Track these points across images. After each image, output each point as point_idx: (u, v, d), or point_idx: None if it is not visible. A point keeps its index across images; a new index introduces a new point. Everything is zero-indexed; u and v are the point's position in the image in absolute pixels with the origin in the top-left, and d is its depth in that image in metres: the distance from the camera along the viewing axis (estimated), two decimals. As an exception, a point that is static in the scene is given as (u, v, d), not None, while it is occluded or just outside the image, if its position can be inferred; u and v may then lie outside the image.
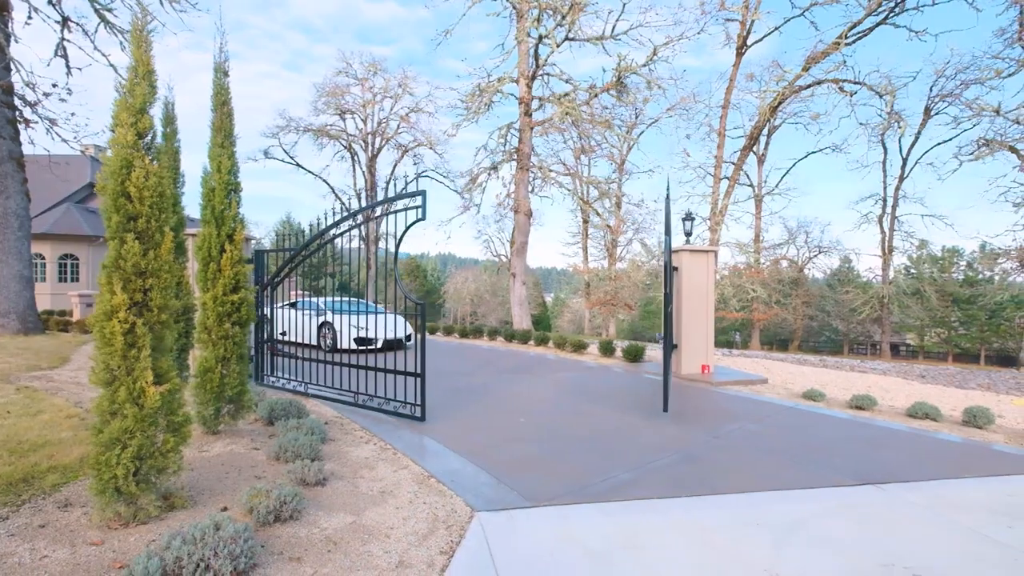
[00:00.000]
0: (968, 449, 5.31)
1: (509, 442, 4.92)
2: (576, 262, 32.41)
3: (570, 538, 3.06)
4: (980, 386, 9.53)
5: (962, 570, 2.86)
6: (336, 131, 24.41)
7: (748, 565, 2.82)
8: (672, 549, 3.00)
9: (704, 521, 3.39)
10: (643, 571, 2.73)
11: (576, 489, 3.77)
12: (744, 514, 3.51)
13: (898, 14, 19.57)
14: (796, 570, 2.80)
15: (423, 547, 2.83)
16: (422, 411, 5.34)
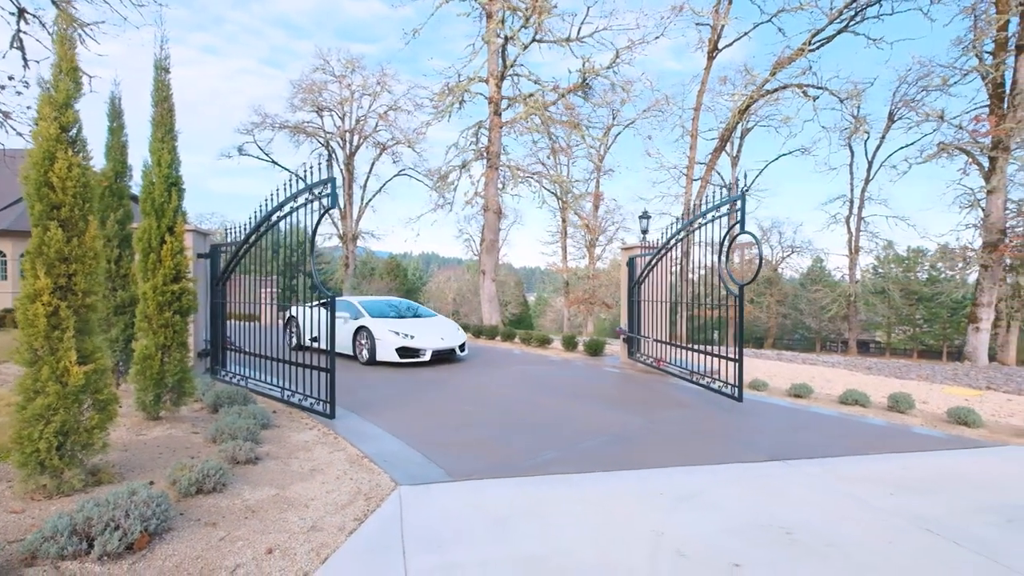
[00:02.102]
0: (886, 431, 5.68)
1: (453, 428, 5.14)
2: (556, 261, 32.80)
3: (478, 506, 3.29)
4: (919, 377, 10.04)
5: (830, 528, 3.17)
6: (313, 128, 24.37)
7: (639, 526, 3.09)
8: (572, 515, 3.25)
9: (611, 491, 3.65)
10: (537, 532, 2.98)
11: (500, 467, 4.01)
12: (651, 486, 3.78)
13: (859, 22, 20.23)
14: (681, 530, 3.08)
15: (339, 514, 3.03)
16: (331, 408, 5.03)
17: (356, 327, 8.94)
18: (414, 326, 8.69)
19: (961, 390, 8.54)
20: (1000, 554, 2.89)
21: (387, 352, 8.42)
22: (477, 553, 2.69)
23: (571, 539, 2.91)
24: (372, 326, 8.71)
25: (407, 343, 8.45)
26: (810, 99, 20.94)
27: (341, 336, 9.01)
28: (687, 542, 2.92)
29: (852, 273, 31.86)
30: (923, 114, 16.93)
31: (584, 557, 2.72)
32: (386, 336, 8.46)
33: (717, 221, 7.47)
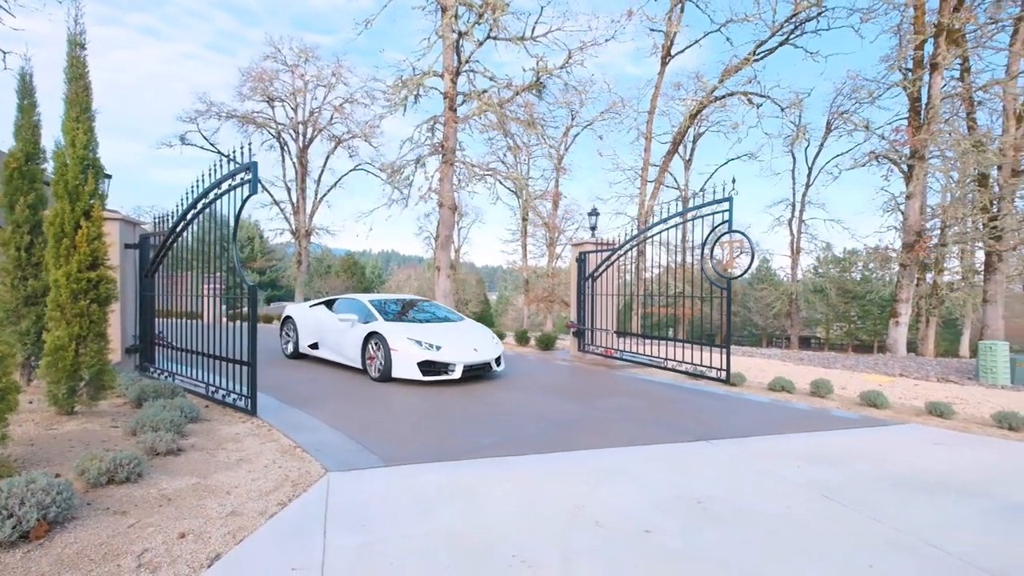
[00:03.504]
0: (806, 413, 6.12)
1: (395, 419, 5.14)
2: (516, 259, 33.00)
3: (409, 489, 3.34)
4: (843, 366, 10.82)
5: (738, 498, 3.42)
6: (264, 119, 23.37)
7: (563, 501, 3.22)
8: (501, 494, 3.35)
9: (542, 472, 3.78)
10: (464, 511, 3.06)
11: (438, 453, 4.06)
12: (581, 465, 3.94)
13: (799, 36, 21.48)
14: (602, 503, 3.23)
15: (261, 500, 3.00)
16: (252, 403, 4.77)
17: (366, 333, 6.97)
18: (440, 333, 6.87)
19: (877, 377, 9.28)
20: (884, 515, 3.20)
21: (406, 366, 6.55)
22: (401, 531, 2.74)
23: (496, 515, 3.01)
24: (387, 333, 6.72)
25: (432, 355, 6.53)
26: (754, 106, 22.06)
27: (345, 344, 7.36)
28: (605, 514, 3.07)
29: (794, 273, 33.79)
30: (853, 124, 18.19)
31: (505, 530, 2.82)
32: (405, 346, 6.58)
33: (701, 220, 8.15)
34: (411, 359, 6.54)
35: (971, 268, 23.38)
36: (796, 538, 2.88)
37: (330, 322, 7.81)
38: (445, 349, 6.69)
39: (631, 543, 2.72)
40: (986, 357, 9.26)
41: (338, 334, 7.55)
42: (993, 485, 3.79)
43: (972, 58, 16.92)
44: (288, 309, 8.69)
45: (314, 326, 8.15)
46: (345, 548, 2.52)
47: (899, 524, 3.07)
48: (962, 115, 17.40)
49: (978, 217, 15.75)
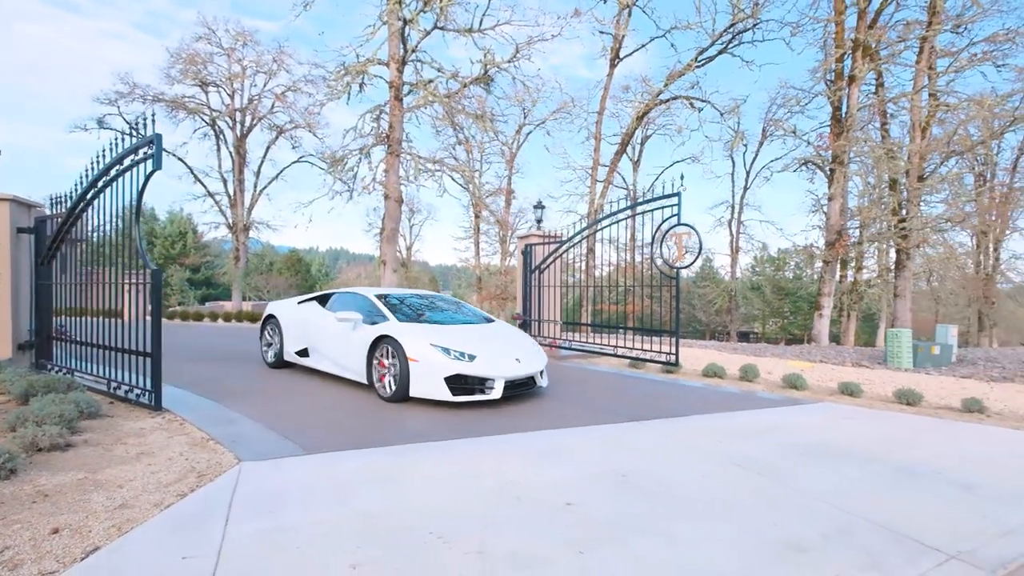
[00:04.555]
0: (734, 395, 6.43)
1: (323, 409, 4.93)
2: (469, 257, 32.84)
3: (329, 475, 3.19)
4: (772, 355, 11.51)
5: (660, 470, 3.52)
6: (196, 104, 21.80)
7: (489, 481, 3.18)
8: (428, 476, 3.27)
9: (474, 454, 3.73)
10: (385, 493, 2.96)
11: (366, 440, 3.92)
12: (512, 447, 3.93)
13: (736, 45, 22.68)
14: (529, 481, 3.23)
15: (158, 492, 2.76)
16: (155, 397, 4.41)
17: (374, 338, 5.38)
18: (471, 339, 5.38)
19: (801, 363, 9.92)
20: (792, 480, 3.39)
21: (428, 382, 4.95)
22: (313, 516, 2.61)
23: (419, 497, 2.93)
24: (403, 337, 5.15)
25: (464, 367, 4.94)
26: (696, 110, 23.05)
27: (344, 351, 5.80)
28: (531, 490, 3.06)
29: (733, 271, 35.71)
30: (783, 130, 19.46)
31: (427, 510, 2.75)
32: (427, 355, 4.99)
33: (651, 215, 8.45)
34: (436, 372, 4.87)
35: (886, 266, 25.59)
36: (709, 503, 2.99)
37: (324, 323, 6.20)
38: (480, 359, 5.00)
39: (552, 515, 2.73)
40: (893, 343, 10.12)
41: (335, 338, 5.94)
42: (889, 452, 4.12)
43: (885, 73, 18.53)
44: (271, 307, 7.39)
45: (303, 328, 6.53)
46: (247, 534, 2.37)
47: (805, 487, 3.26)
48: (877, 125, 19.01)
49: (889, 218, 17.26)
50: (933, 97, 17.45)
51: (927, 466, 3.78)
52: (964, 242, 26.94)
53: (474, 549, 2.36)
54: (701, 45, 22.73)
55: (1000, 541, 2.62)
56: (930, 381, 8.04)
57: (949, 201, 19.22)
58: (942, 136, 18.23)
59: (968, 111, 17.36)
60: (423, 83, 12.02)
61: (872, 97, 18.19)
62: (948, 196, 19.54)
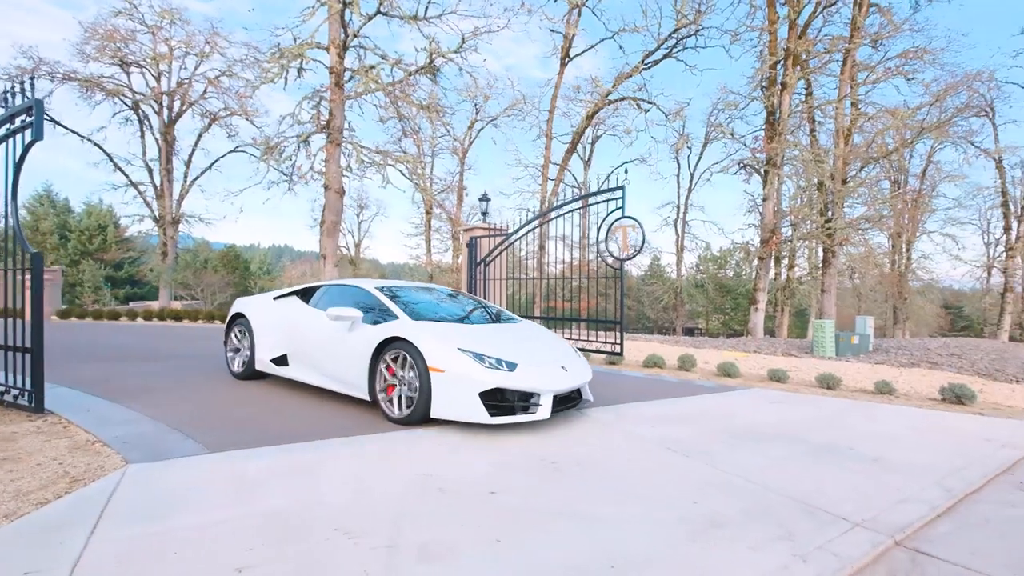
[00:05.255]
0: (672, 384, 6.56)
1: (235, 406, 4.56)
2: (420, 254, 32.18)
3: (232, 474, 2.90)
4: (711, 347, 11.97)
5: (591, 454, 3.47)
6: (115, 86, 19.91)
7: (410, 473, 3.01)
8: (341, 471, 3.05)
9: (390, 447, 3.54)
10: (293, 489, 2.72)
11: (280, 437, 3.63)
12: (435, 439, 3.76)
13: (680, 50, 23.49)
14: (452, 471, 3.08)
15: (13, 502, 2.39)
16: (35, 398, 3.93)
17: (379, 341, 4.22)
18: (501, 340, 4.31)
19: (736, 354, 10.36)
20: (717, 461, 3.43)
21: (459, 398, 3.82)
22: (204, 518, 2.33)
23: (333, 492, 2.71)
24: (421, 340, 4.00)
25: (505, 379, 3.81)
26: (643, 112, 23.70)
27: (338, 358, 4.64)
28: (453, 481, 2.92)
29: (679, 269, 37.15)
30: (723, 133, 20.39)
31: (337, 505, 2.54)
32: (456, 363, 3.87)
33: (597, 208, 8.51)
34: (468, 386, 3.75)
35: (815, 264, 27.40)
36: (635, 485, 2.96)
37: (310, 323, 5.04)
38: (523, 368, 3.91)
39: (474, 505, 2.60)
40: (818, 334, 10.79)
41: (325, 342, 4.79)
42: (810, 432, 4.30)
43: (814, 83, 19.82)
44: (238, 304, 6.12)
45: (281, 329, 5.32)
46: (116, 542, 2.07)
47: (729, 467, 3.31)
48: (807, 131, 20.31)
49: (817, 219, 18.47)
50: (855, 107, 18.83)
51: (842, 443, 3.96)
52: (882, 242, 29.40)
53: (383, 544, 2.19)
54: (648, 48, 23.40)
55: (899, 508, 2.74)
56: (849, 367, 8.60)
57: (868, 203, 20.86)
58: (862, 143, 19.75)
59: (884, 121, 18.89)
60: (364, 69, 11.54)
61: (802, 104, 19.40)
62: (867, 199, 21.22)
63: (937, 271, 34.29)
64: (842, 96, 17.32)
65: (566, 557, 2.12)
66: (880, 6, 18.04)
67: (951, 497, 3.00)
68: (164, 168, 21.80)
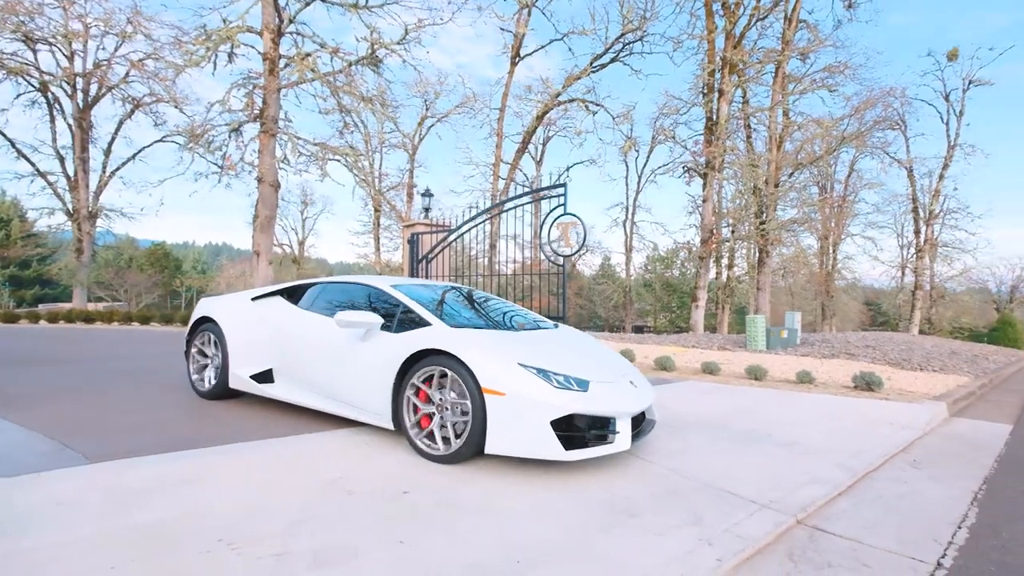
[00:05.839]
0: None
1: (129, 412, 4.16)
2: (368, 252, 31.27)
3: (110, 485, 2.60)
4: (653, 342, 12.33)
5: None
6: (19, 64, 17.87)
7: (319, 476, 2.82)
8: (242, 476, 2.81)
9: (301, 449, 3.33)
10: (180, 500, 2.46)
11: (177, 443, 3.31)
12: (351, 439, 3.58)
13: (627, 55, 24.15)
14: (368, 472, 2.91)
15: None
16: None
17: (408, 355, 3.32)
18: (556, 352, 3.50)
19: (675, 349, 10.70)
20: (638, 450, 3.46)
21: (525, 428, 2.91)
22: (67, 535, 2.05)
23: (226, 500, 2.48)
24: (468, 352, 3.10)
25: (579, 403, 2.96)
26: (591, 113, 24.16)
27: (348, 377, 3.72)
28: (366, 481, 2.76)
29: (628, 269, 38.23)
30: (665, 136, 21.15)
31: (230, 512, 2.32)
32: (518, 382, 2.98)
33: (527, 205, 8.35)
34: (537, 412, 2.89)
35: (752, 264, 28.98)
36: (555, 479, 2.91)
37: (305, 330, 4.11)
38: (595, 387, 3.11)
39: (384, 506, 2.46)
40: (751, 329, 11.34)
41: (329, 356, 3.86)
42: (733, 420, 4.45)
43: (750, 91, 20.94)
44: (204, 306, 4.96)
45: (264, 337, 4.33)
46: (-60, 571, 1.77)
47: (648, 456, 3.34)
48: (743, 137, 21.43)
49: (753, 220, 19.53)
50: (786, 115, 20.08)
51: (761, 430, 4.11)
52: (811, 244, 31.50)
53: (272, 552, 2.01)
54: (596, 52, 23.91)
55: (804, 489, 2.85)
56: (777, 360, 9.08)
57: (798, 207, 22.30)
58: (793, 150, 21.08)
59: (812, 130, 20.24)
60: (300, 56, 10.98)
61: (740, 111, 20.46)
62: (798, 203, 22.69)
63: (859, 271, 37.30)
64: (774, 104, 18.40)
65: (472, 554, 2.03)
66: (807, 22, 19.35)
67: (852, 476, 3.17)
68: (78, 157, 19.86)
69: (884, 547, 2.26)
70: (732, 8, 17.43)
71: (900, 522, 2.54)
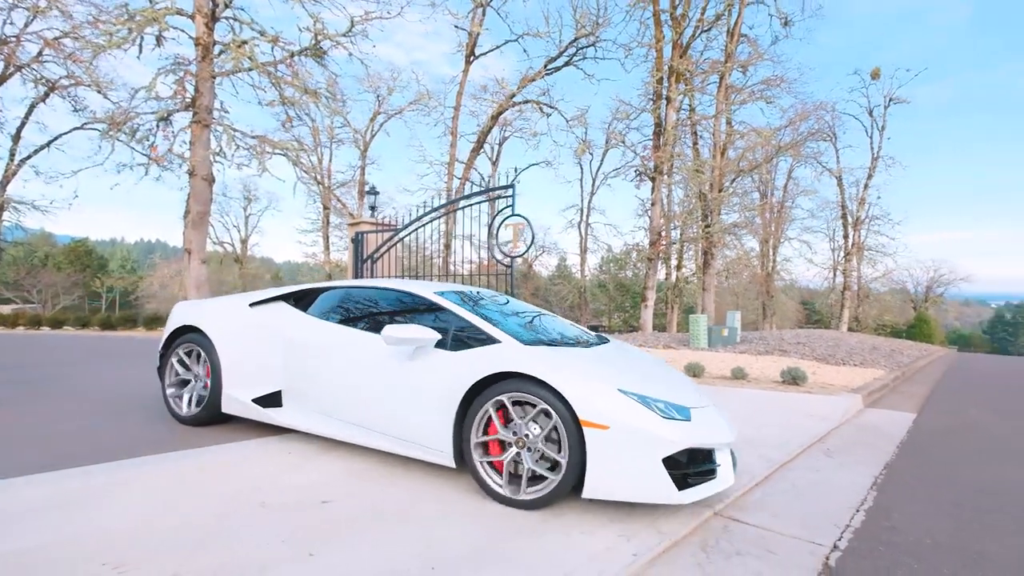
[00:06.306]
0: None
1: (19, 426, 3.78)
2: (317, 251, 30.12)
3: (-22, 508, 2.33)
4: (603, 340, 12.58)
5: (448, 452, 3.33)
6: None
7: (232, 488, 2.65)
8: (145, 492, 2.59)
9: (218, 460, 3.13)
10: (62, 523, 2.24)
11: (72, 458, 3.03)
12: (278, 447, 3.41)
13: (580, 60, 24.55)
14: (285, 482, 2.76)
15: None
16: None
17: (475, 381, 2.76)
18: (641, 372, 3.06)
19: (623, 347, 10.96)
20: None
21: (632, 469, 2.44)
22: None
23: (119, 519, 2.28)
24: (561, 378, 2.58)
25: (689, 435, 2.54)
26: (545, 115, 24.41)
27: (392, 402, 3.07)
28: (281, 493, 2.62)
29: (583, 269, 38.93)
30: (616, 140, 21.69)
31: (122, 532, 2.13)
32: (622, 413, 2.50)
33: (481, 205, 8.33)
34: (647, 448, 2.46)
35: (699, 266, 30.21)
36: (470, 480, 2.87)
37: (331, 344, 3.46)
38: (697, 416, 2.72)
39: (297, 518, 2.33)
40: (693, 327, 11.81)
41: (366, 377, 3.21)
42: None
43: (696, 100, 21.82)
44: (185, 311, 4.20)
45: (270, 351, 3.67)
46: None
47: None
48: (690, 143, 22.31)
49: (699, 223, 20.35)
50: (729, 124, 21.07)
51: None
52: (753, 247, 33.26)
53: (167, 573, 1.84)
54: (550, 54, 24.19)
55: (724, 480, 2.95)
56: (716, 356, 9.48)
57: (740, 211, 23.47)
58: (735, 157, 22.17)
59: (752, 139, 21.36)
60: (236, 43, 10.36)
61: (687, 118, 21.28)
62: (740, 207, 23.89)
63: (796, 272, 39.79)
64: (718, 113, 19.27)
65: (387, 564, 1.95)
66: (748, 37, 20.39)
67: (770, 467, 3.32)
68: (-15, 144, 17.91)
69: (790, 533, 2.37)
70: (679, 19, 18.11)
71: (807, 509, 2.67)
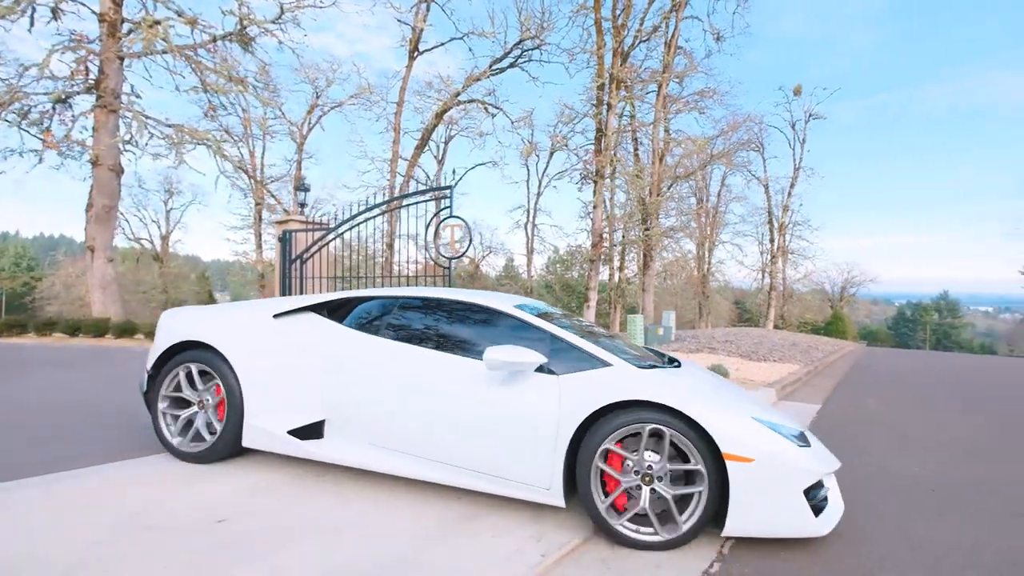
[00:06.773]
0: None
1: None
2: (248, 249, 28.34)
3: None
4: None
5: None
6: None
7: (115, 511, 2.38)
8: (6, 519, 2.26)
9: (100, 481, 2.81)
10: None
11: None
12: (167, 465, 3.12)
13: (526, 62, 24.74)
14: (175, 503, 2.52)
15: None
16: None
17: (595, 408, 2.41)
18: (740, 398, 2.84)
19: (563, 346, 11.12)
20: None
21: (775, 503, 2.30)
22: None
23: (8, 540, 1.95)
24: (697, 407, 2.34)
25: (818, 464, 2.41)
26: (491, 116, 24.38)
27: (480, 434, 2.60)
28: (171, 514, 2.42)
29: (530, 270, 39.27)
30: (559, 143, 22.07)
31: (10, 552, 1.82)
32: (763, 443, 2.33)
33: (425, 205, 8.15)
34: (789, 481, 2.31)
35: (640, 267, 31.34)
36: (392, 487, 2.75)
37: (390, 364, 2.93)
38: (814, 442, 2.66)
39: (191, 539, 2.14)
40: (630, 327, 12.20)
41: (442, 404, 2.74)
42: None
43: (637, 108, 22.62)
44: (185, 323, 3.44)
45: (307, 372, 3.09)
46: None
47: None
48: (631, 149, 23.13)
49: (639, 226, 21.10)
50: (667, 132, 22.04)
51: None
52: (690, 249, 34.98)
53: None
54: (496, 55, 24.21)
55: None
56: (651, 354, 9.81)
57: (677, 215, 24.61)
58: (673, 164, 23.22)
59: (688, 147, 22.45)
60: (148, 23, 9.43)
61: (628, 125, 22.01)
62: (677, 211, 25.05)
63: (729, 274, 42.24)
64: (656, 121, 20.09)
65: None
66: (684, 49, 21.42)
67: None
68: None
69: (696, 526, 2.42)
70: (619, 28, 18.68)
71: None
